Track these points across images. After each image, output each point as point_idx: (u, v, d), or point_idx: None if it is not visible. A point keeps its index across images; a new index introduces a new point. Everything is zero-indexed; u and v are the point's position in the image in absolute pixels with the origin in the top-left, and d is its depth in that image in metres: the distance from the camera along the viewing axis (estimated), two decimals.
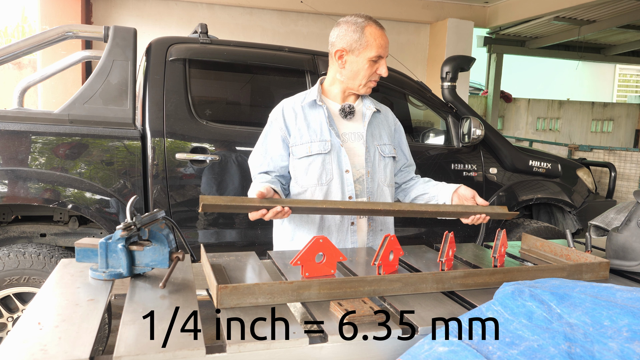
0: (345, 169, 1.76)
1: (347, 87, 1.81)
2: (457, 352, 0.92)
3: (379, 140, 1.84)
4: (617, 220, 1.75)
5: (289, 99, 1.84)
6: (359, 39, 1.71)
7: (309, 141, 1.75)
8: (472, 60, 3.46)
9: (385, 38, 1.75)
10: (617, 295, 1.10)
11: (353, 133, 1.81)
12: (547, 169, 3.55)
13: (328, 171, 1.75)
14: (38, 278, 2.39)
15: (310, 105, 1.79)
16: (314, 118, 1.78)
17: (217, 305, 1.12)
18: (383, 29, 1.76)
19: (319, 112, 1.78)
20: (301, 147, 1.75)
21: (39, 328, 0.97)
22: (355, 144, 1.80)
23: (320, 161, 1.74)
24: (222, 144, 2.73)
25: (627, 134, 12.04)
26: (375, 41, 1.72)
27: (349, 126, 1.82)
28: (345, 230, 1.79)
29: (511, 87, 11.94)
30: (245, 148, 2.76)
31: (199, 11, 7.29)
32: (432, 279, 1.30)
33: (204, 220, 2.73)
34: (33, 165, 2.40)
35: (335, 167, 1.75)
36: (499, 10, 8.38)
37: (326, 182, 1.75)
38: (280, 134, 1.77)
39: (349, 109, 1.81)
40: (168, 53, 2.74)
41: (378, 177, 1.83)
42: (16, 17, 9.05)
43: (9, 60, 2.65)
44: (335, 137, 1.76)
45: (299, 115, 1.78)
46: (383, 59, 1.75)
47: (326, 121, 1.76)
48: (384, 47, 1.74)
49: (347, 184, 1.76)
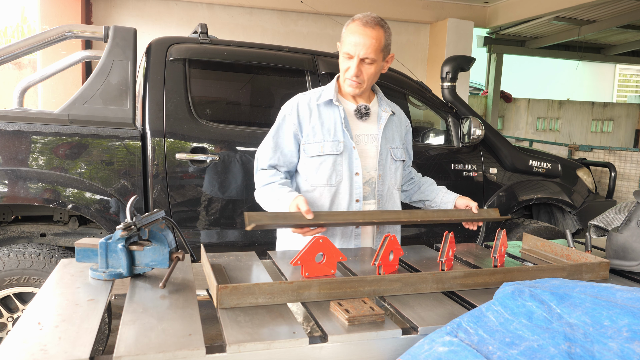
0: (356, 171, 1.75)
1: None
2: (457, 352, 0.92)
3: (392, 144, 1.83)
4: (617, 220, 1.75)
5: (304, 95, 1.80)
6: (343, 33, 1.71)
7: (322, 140, 1.73)
8: (472, 60, 3.45)
9: (364, 37, 1.63)
10: (617, 295, 1.10)
11: (367, 134, 1.79)
12: (547, 169, 3.55)
13: (338, 172, 1.74)
14: (38, 278, 2.39)
15: (326, 104, 1.76)
16: (328, 117, 1.75)
17: (217, 305, 1.12)
18: (369, 27, 1.64)
19: (334, 112, 1.75)
20: (313, 146, 1.73)
21: (39, 328, 0.97)
22: (368, 146, 1.78)
23: (331, 162, 1.73)
24: (222, 144, 2.73)
25: (627, 134, 12.04)
26: (347, 37, 1.67)
27: (363, 127, 1.80)
28: (349, 234, 1.79)
29: (511, 87, 11.94)
30: (245, 148, 2.76)
31: (199, 11, 7.29)
32: (432, 279, 1.30)
33: (204, 220, 2.73)
34: (33, 165, 2.40)
35: (346, 169, 1.74)
36: (499, 10, 8.38)
37: (335, 183, 1.74)
38: (293, 129, 1.75)
39: (364, 110, 1.78)
40: (168, 53, 2.74)
41: (389, 180, 1.82)
42: (16, 18, 9.05)
43: (9, 60, 2.64)
44: (349, 139, 1.74)
45: (314, 112, 1.75)
46: (352, 58, 1.66)
47: (341, 122, 1.74)
48: (354, 45, 1.64)
49: (355, 186, 1.75)
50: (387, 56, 1.75)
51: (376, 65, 1.70)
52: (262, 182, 1.74)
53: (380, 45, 1.67)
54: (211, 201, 2.72)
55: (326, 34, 7.82)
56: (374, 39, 1.64)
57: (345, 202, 1.75)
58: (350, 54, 1.67)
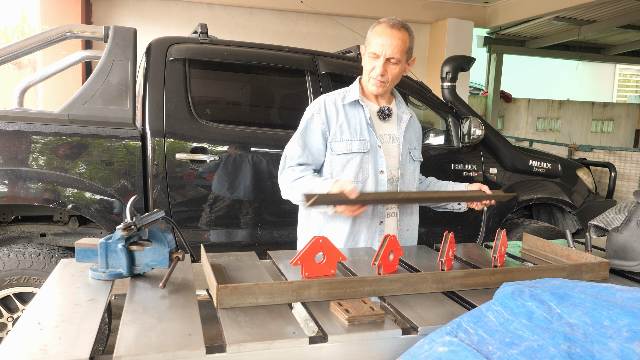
0: (380, 169, 1.82)
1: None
2: (457, 352, 0.92)
3: (411, 144, 1.92)
4: (617, 220, 1.75)
5: (329, 95, 1.86)
6: (369, 35, 1.78)
7: (350, 139, 1.79)
8: (472, 60, 3.45)
9: (391, 38, 1.70)
10: (617, 295, 1.10)
11: (389, 135, 1.87)
12: (547, 169, 3.55)
13: (365, 170, 1.80)
14: (38, 278, 2.39)
15: (352, 104, 1.83)
16: (354, 117, 1.81)
17: (217, 305, 1.12)
18: (395, 29, 1.72)
19: (359, 112, 1.82)
20: (341, 144, 1.79)
21: (39, 328, 0.97)
22: (391, 146, 1.86)
23: (358, 160, 1.79)
24: (222, 144, 2.73)
25: (627, 134, 12.04)
26: (374, 38, 1.74)
27: (385, 128, 1.87)
28: (374, 229, 1.84)
29: (511, 87, 11.93)
30: (245, 148, 2.76)
31: (199, 11, 7.29)
32: (432, 279, 1.30)
33: (204, 220, 2.73)
34: (33, 165, 2.40)
35: (372, 166, 1.80)
36: (499, 10, 8.38)
37: (362, 181, 1.80)
38: (321, 127, 1.80)
39: (387, 111, 1.85)
40: (168, 53, 2.74)
41: (408, 179, 1.91)
42: (16, 18, 9.05)
43: (9, 60, 2.64)
44: (375, 138, 1.81)
45: (340, 112, 1.81)
46: (379, 58, 1.73)
47: (367, 121, 1.80)
48: (381, 45, 1.71)
49: (380, 184, 1.82)
50: (409, 59, 1.82)
51: (400, 66, 1.77)
52: (292, 177, 1.76)
53: (405, 46, 1.74)
54: (211, 201, 2.72)
55: (326, 34, 7.82)
56: (400, 40, 1.72)
57: None
58: (376, 54, 1.73)
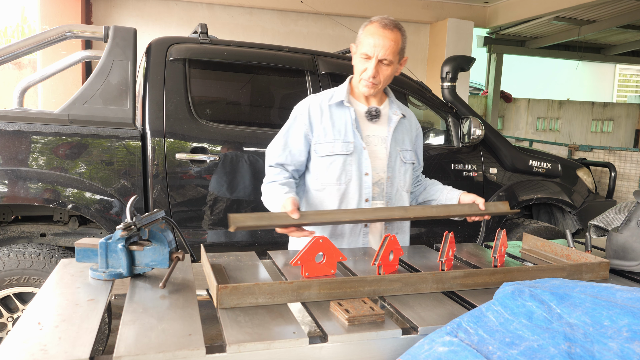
0: (365, 171, 1.77)
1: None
2: (457, 352, 0.92)
3: (402, 146, 1.85)
4: (617, 220, 1.75)
5: (316, 96, 1.83)
6: (360, 34, 1.73)
7: (333, 141, 1.75)
8: (472, 60, 3.45)
9: (384, 39, 1.65)
10: (617, 295, 1.10)
11: (377, 136, 1.81)
12: (547, 169, 3.55)
13: (347, 172, 1.76)
14: (38, 278, 2.39)
15: (337, 105, 1.79)
16: (339, 118, 1.77)
17: (217, 305, 1.12)
18: (388, 29, 1.66)
19: (345, 113, 1.78)
20: (324, 146, 1.76)
21: (39, 328, 0.97)
22: (378, 147, 1.80)
23: (341, 162, 1.75)
24: (222, 144, 2.73)
25: (627, 134, 12.04)
26: (366, 38, 1.69)
27: (373, 129, 1.81)
28: (358, 233, 1.80)
29: (511, 87, 11.93)
30: (245, 148, 2.76)
31: (199, 11, 7.29)
32: (432, 279, 1.30)
33: (204, 220, 2.73)
34: (33, 165, 2.40)
35: (355, 169, 1.76)
36: (499, 10, 8.38)
37: (344, 183, 1.76)
38: (304, 130, 1.77)
39: (375, 112, 1.80)
40: (168, 53, 2.74)
41: (398, 182, 1.84)
42: (16, 18, 9.05)
43: (9, 60, 2.64)
44: (359, 140, 1.76)
45: (325, 113, 1.77)
46: (371, 59, 1.67)
47: (352, 123, 1.76)
48: (373, 46, 1.65)
49: (365, 186, 1.77)
50: (402, 59, 1.77)
51: (393, 67, 1.72)
52: (267, 180, 1.77)
53: (398, 47, 1.70)
54: (211, 201, 2.72)
55: (326, 34, 7.82)
56: (392, 40, 1.67)
57: (354, 201, 1.77)
58: (368, 55, 1.68)
